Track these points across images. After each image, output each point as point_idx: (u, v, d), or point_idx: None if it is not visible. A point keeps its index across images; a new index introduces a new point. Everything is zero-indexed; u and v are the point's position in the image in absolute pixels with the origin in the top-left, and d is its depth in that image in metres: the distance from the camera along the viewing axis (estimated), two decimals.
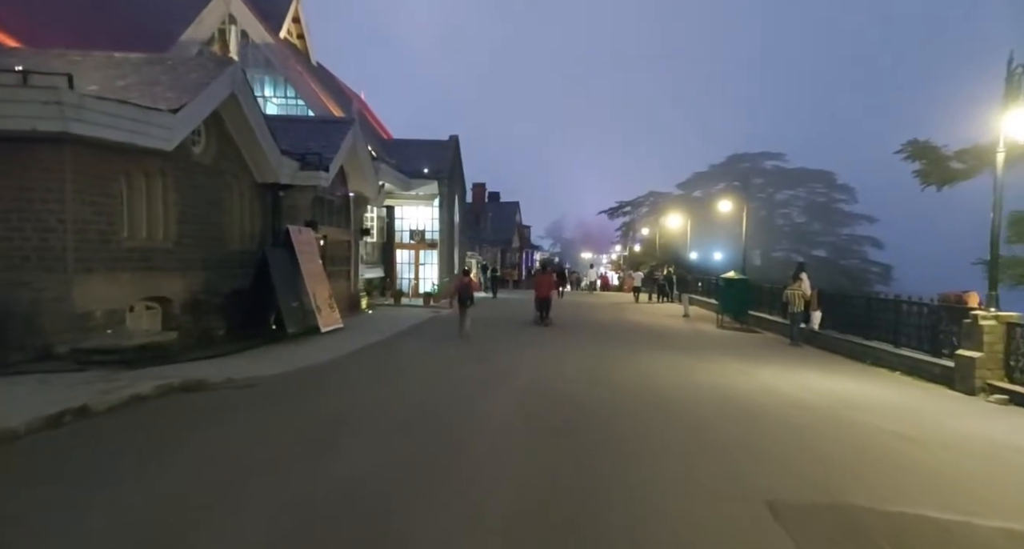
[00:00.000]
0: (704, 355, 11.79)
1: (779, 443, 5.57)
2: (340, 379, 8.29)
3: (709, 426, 6.15)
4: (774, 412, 6.88)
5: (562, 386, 7.94)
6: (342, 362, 9.41)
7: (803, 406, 7.24)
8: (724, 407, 7.06)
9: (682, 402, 7.29)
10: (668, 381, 8.70)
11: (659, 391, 7.90)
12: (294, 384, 7.61)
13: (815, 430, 6.12)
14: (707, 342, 14.09)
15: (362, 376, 8.56)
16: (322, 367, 8.92)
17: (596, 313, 21.19)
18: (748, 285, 17.56)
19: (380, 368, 9.28)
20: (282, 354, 10.00)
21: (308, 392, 7.25)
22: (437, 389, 7.68)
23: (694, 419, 6.42)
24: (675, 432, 5.86)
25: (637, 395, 7.61)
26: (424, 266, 23.98)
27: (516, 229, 57.12)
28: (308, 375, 8.29)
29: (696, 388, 8.28)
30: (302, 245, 12.87)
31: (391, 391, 7.46)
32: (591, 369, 9.46)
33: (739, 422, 6.31)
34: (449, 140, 25.55)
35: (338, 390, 7.46)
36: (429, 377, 8.57)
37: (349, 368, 9.03)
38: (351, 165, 16.95)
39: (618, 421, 6.19)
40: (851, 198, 44.19)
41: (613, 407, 6.83)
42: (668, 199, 54.25)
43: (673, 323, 18.20)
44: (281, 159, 13.12)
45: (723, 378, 9.16)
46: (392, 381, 8.25)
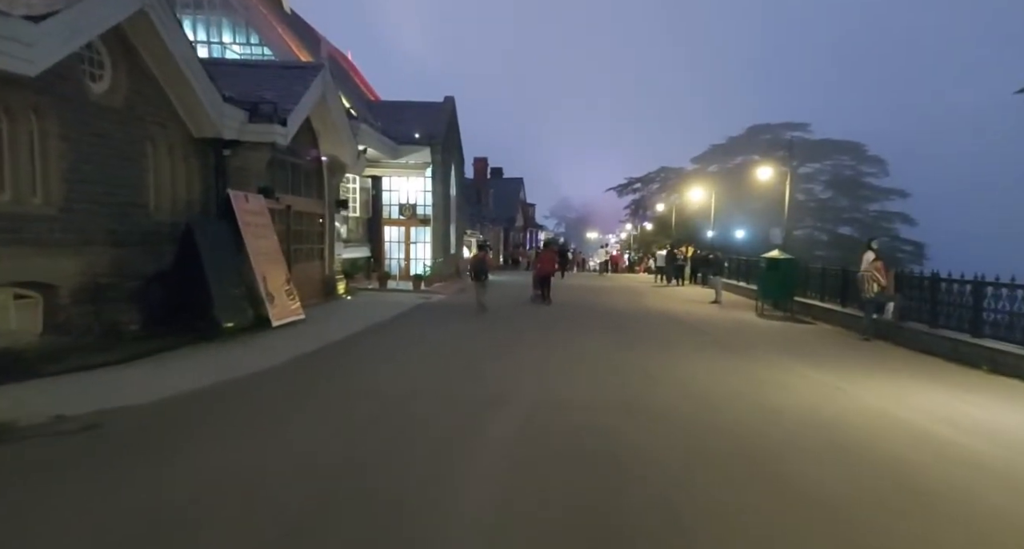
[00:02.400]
0: (763, 357, 9.13)
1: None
2: (246, 415, 5.28)
3: (850, 516, 3.53)
4: (933, 475, 4.25)
5: (580, 418, 5.31)
6: (269, 377, 6.71)
7: (969, 461, 4.59)
8: (845, 462, 4.43)
9: (772, 449, 4.68)
10: (734, 406, 6.06)
11: (729, 427, 5.27)
12: (166, 424, 4.89)
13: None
14: (757, 337, 11.42)
15: (286, 406, 5.65)
16: (234, 388, 6.14)
17: (610, 299, 18.52)
18: (795, 266, 14.83)
19: (318, 389, 6.36)
20: (199, 361, 7.41)
21: (170, 446, 4.37)
22: (390, 437, 4.73)
23: (814, 497, 3.79)
24: (802, 533, 3.25)
25: (698, 435, 4.99)
26: (416, 245, 21.31)
27: (520, 207, 54.27)
28: (201, 403, 5.57)
29: (779, 417, 5.64)
30: (248, 216, 10.20)
31: (312, 441, 4.60)
32: (618, 387, 6.81)
33: (891, 504, 3.69)
34: (444, 102, 22.65)
35: (225, 441, 4.51)
36: (383, 409, 5.55)
37: (274, 388, 6.31)
38: (323, 123, 14.19)
39: (687, 507, 3.57)
40: (881, 171, 40.95)
41: (667, 468, 4.22)
42: (681, 175, 51.28)
43: (705, 311, 15.53)
44: (223, 107, 10.38)
45: (808, 396, 6.52)
46: (324, 418, 5.23)
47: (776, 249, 15.13)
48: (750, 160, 47.00)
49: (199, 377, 6.32)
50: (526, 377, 7.03)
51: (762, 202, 44.86)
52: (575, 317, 13.31)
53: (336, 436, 4.76)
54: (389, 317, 12.10)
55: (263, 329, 9.63)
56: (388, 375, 6.93)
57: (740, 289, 19.93)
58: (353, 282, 17.86)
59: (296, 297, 10.96)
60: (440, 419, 5.19)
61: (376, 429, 4.97)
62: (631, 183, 57.23)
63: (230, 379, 6.35)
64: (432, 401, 5.81)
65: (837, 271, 13.83)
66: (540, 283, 15.89)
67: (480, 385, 6.49)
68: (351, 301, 15.02)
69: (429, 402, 5.76)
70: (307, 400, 5.84)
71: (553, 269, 16.32)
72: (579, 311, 14.59)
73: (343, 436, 4.76)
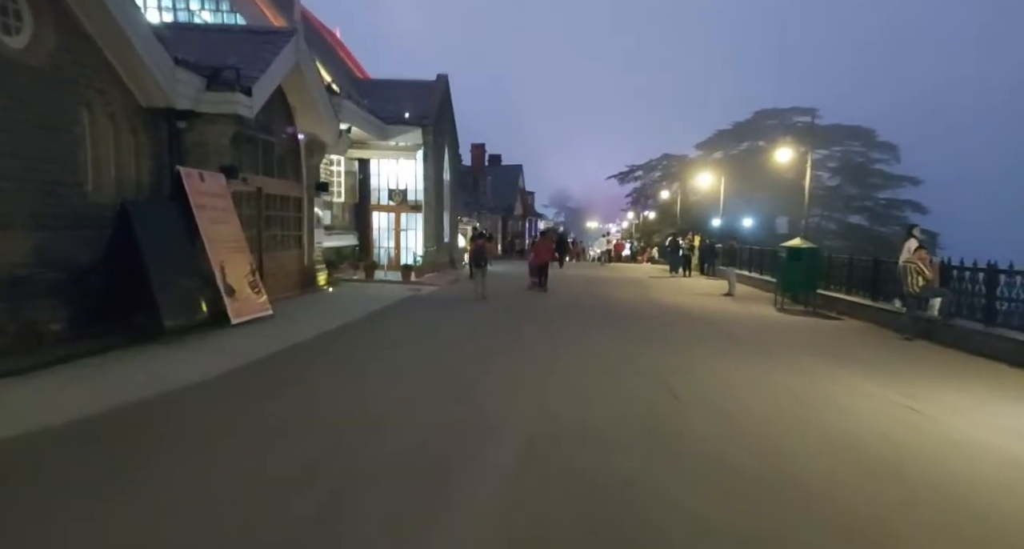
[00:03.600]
0: (801, 362, 7.84)
1: None
2: (118, 464, 3.74)
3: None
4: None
5: (592, 461, 4.03)
6: (194, 396, 5.30)
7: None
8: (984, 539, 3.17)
9: (860, 508, 3.41)
10: (792, 443, 4.77)
11: (802, 480, 3.99)
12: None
13: None
14: (784, 335, 10.14)
15: (179, 447, 4.09)
16: (135, 415, 4.69)
17: (615, 292, 17.23)
18: (819, 257, 13.53)
19: (248, 419, 4.78)
20: (120, 370, 6.10)
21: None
22: (318, 514, 3.14)
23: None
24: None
25: (768, 500, 3.70)
26: (406, 233, 19.95)
27: (519, 195, 52.73)
28: (69, 443, 4.07)
29: (853, 458, 4.36)
30: (203, 198, 8.86)
31: (184, 519, 3.08)
32: (636, 408, 5.52)
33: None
34: (436, 80, 21.18)
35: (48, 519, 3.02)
36: (325, 455, 4.00)
37: (188, 417, 4.82)
38: (298, 97, 12.80)
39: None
40: (893, 157, 39.40)
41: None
42: (684, 162, 49.78)
43: (718, 305, 14.23)
44: (174, 71, 9.01)
45: (875, 420, 5.23)
46: (227, 476, 3.61)
47: (798, 237, 13.82)
48: (756, 146, 45.53)
49: (101, 395, 5.00)
50: (521, 395, 5.72)
51: (767, 190, 43.52)
52: (579, 313, 12.01)
53: (231, 508, 3.20)
54: (370, 312, 10.80)
55: (220, 327, 8.32)
56: (348, 393, 5.59)
57: (753, 280, 18.65)
58: (338, 272, 16.55)
59: (262, 290, 9.65)
60: (401, 474, 3.76)
61: (302, 499, 3.34)
62: (632, 171, 55.64)
63: (140, 399, 5.04)
64: (397, 439, 4.42)
65: (867, 262, 12.52)
66: (537, 271, 15.97)
67: (463, 409, 5.13)
68: (332, 293, 13.71)
69: (393, 441, 4.36)
70: (220, 440, 4.30)
71: (550, 258, 16.50)
72: (582, 306, 13.30)
73: (243, 510, 3.19)
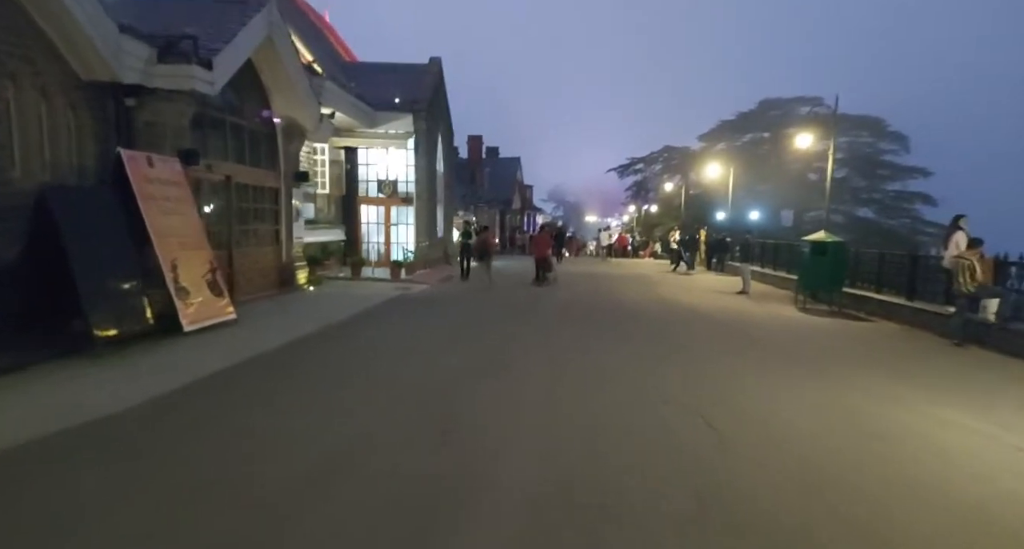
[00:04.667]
0: (852, 378, 6.69)
1: None
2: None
3: None
4: None
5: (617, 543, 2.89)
6: (101, 435, 4.06)
7: None
8: None
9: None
10: (916, 511, 3.63)
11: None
12: None
13: None
14: (818, 341, 8.99)
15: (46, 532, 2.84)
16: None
17: (620, 290, 16.08)
18: (845, 252, 12.37)
19: (163, 474, 3.52)
20: (24, 398, 4.92)
21: None
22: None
23: None
24: None
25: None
26: (397, 227, 18.74)
27: (517, 188, 51.51)
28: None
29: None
30: (151, 185, 7.67)
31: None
32: (670, 456, 4.33)
33: None
34: (429, 64, 19.91)
35: None
36: (256, 522, 2.95)
37: (87, 464, 3.61)
38: (273, 76, 11.58)
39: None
40: (902, 148, 38.12)
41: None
42: (686, 154, 48.50)
43: (734, 304, 13.08)
44: (119, 40, 7.79)
45: (994, 471, 4.08)
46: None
47: (822, 230, 12.67)
48: (761, 137, 44.26)
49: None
50: (520, 435, 4.54)
51: (772, 182, 42.30)
52: (584, 317, 10.87)
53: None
54: (350, 315, 9.63)
55: (170, 336, 7.16)
56: (297, 431, 4.29)
57: (766, 277, 17.50)
58: (322, 270, 15.37)
59: (225, 292, 8.46)
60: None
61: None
62: (633, 163, 54.21)
63: (29, 440, 3.86)
64: (343, 508, 3.24)
65: (901, 257, 11.36)
66: (538, 265, 16.41)
67: (440, 460, 3.92)
68: (312, 293, 12.54)
69: (338, 510, 3.20)
70: (94, 520, 3.08)
71: (548, 252, 16.90)
72: (588, 308, 12.15)
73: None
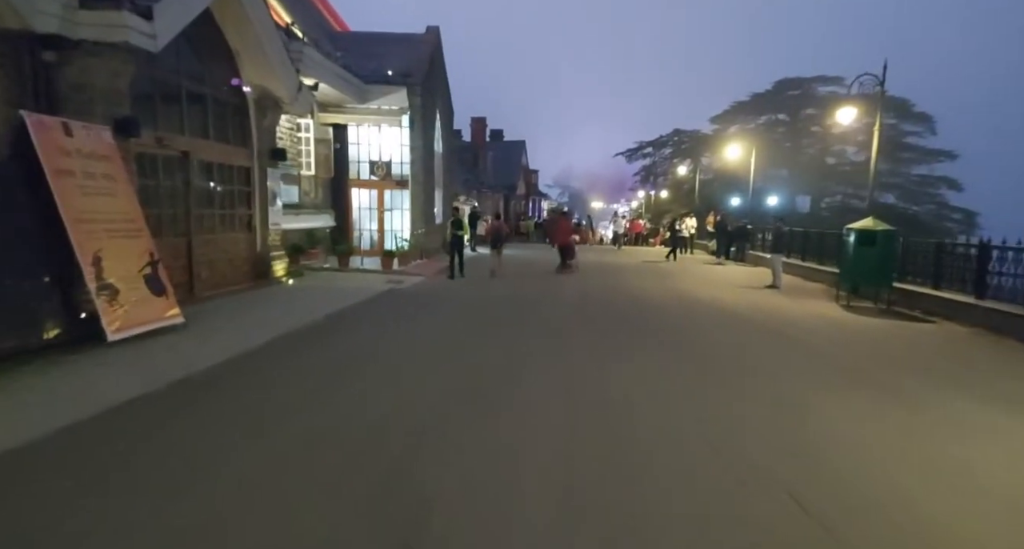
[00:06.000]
0: (945, 405, 5.24)
1: None
2: None
3: None
4: None
5: None
6: None
7: None
8: None
9: None
10: None
11: None
12: None
13: None
14: (882, 350, 7.51)
15: None
16: None
17: (637, 283, 14.64)
18: (895, 241, 10.83)
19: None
20: None
21: None
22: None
23: None
24: None
25: None
26: (392, 213, 17.25)
27: (522, 173, 49.84)
28: None
29: None
30: (66, 159, 6.19)
31: None
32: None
33: None
34: (426, 33, 18.25)
35: None
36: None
37: None
38: (241, 37, 10.05)
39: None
40: (928, 130, 36.17)
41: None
42: (697, 138, 46.63)
43: (767, 300, 11.58)
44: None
45: None
46: None
47: (871, 217, 11.11)
48: (776, 119, 42.33)
49: None
50: (522, 486, 3.16)
51: (787, 166, 40.47)
52: (599, 318, 9.43)
53: None
54: (325, 315, 8.19)
55: (87, 347, 5.74)
56: (191, 507, 3.00)
57: (793, 267, 15.96)
58: (307, 259, 13.95)
59: (168, 290, 7.02)
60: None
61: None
62: (641, 147, 52.29)
63: None
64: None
65: (966, 249, 9.81)
66: (561, 253, 16.02)
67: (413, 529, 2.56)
68: (290, 287, 11.10)
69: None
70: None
71: (569, 238, 16.35)
72: (602, 306, 10.70)
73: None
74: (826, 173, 40.59)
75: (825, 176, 40.47)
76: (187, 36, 9.11)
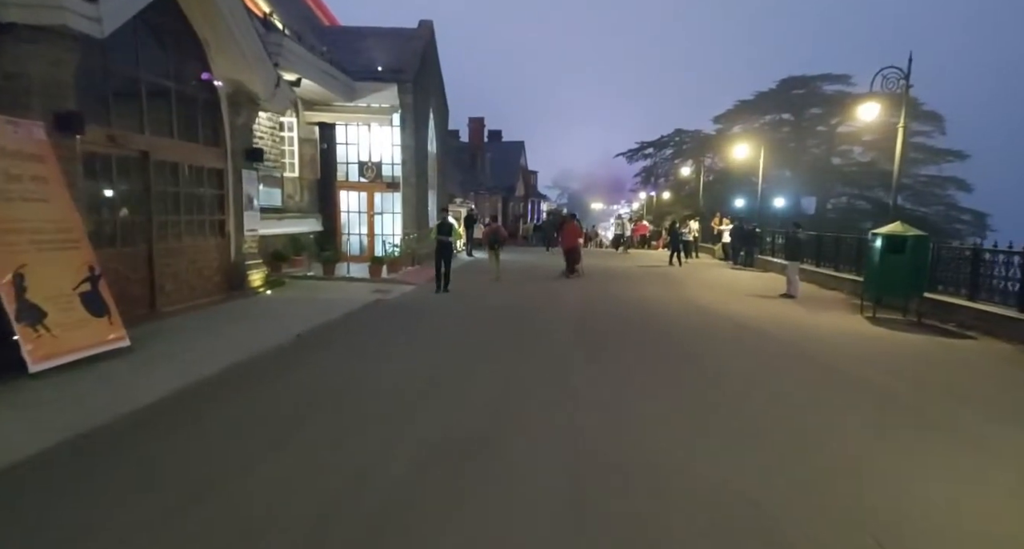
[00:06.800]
0: (1016, 444, 4.35)
1: None
2: None
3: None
4: None
5: None
6: None
7: None
8: None
9: None
10: None
11: None
12: None
13: None
14: (927, 375, 6.62)
15: None
16: None
17: (643, 291, 13.77)
18: (927, 248, 9.93)
19: None
20: None
21: None
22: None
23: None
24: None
25: None
26: (382, 216, 16.36)
27: (521, 174, 48.92)
28: None
29: None
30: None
31: None
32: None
33: None
34: (419, 28, 17.37)
35: None
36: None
37: None
38: (210, 26, 9.17)
39: None
40: (937, 129, 35.29)
41: None
42: (699, 138, 45.73)
43: (786, 312, 10.70)
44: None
45: None
46: None
47: (898, 221, 10.22)
48: (780, 119, 41.42)
49: None
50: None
51: (791, 167, 39.55)
52: (607, 335, 8.55)
53: None
54: (295, 336, 7.28)
55: (8, 378, 4.85)
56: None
57: (808, 274, 15.04)
58: (291, 266, 13.08)
59: (111, 309, 6.12)
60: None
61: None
62: (642, 148, 51.38)
63: None
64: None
65: (1011, 257, 8.89)
66: (567, 257, 15.77)
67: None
68: (266, 299, 10.21)
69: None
70: None
71: (577, 242, 16.01)
72: (608, 319, 9.82)
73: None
74: (832, 173, 39.69)
75: (831, 177, 39.57)
76: (148, 23, 8.26)
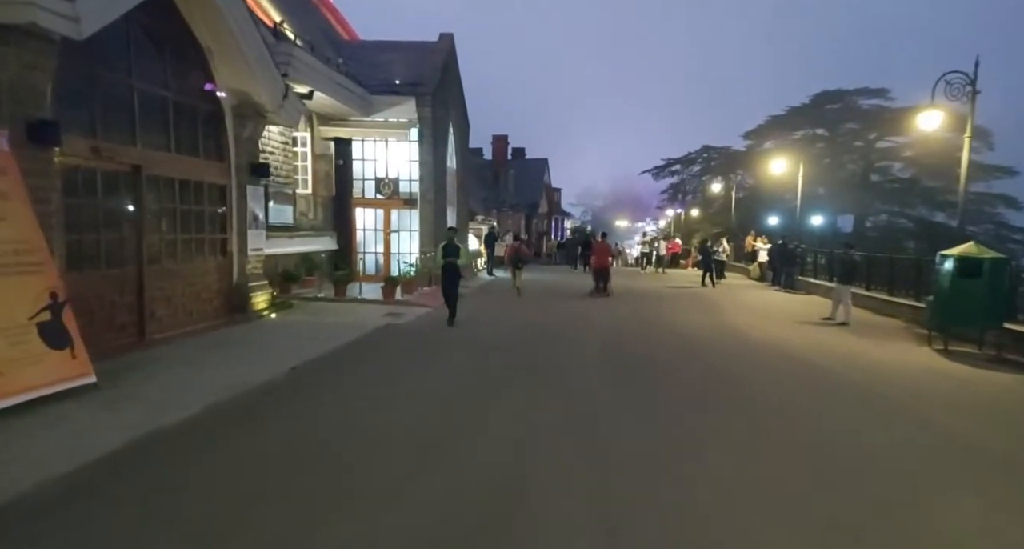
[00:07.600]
0: None
1: None
2: None
3: None
4: None
5: None
6: None
7: None
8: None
9: None
10: None
11: None
12: None
13: None
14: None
15: None
16: None
17: (679, 316, 12.77)
18: (1007, 271, 8.76)
19: None
20: None
21: None
22: None
23: None
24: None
25: None
26: (399, 234, 15.67)
27: (544, 192, 48.25)
28: None
29: None
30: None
31: None
32: None
33: None
34: (439, 41, 16.81)
35: None
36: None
37: None
38: (213, 33, 8.60)
39: None
40: (984, 144, 33.45)
41: None
42: (727, 154, 44.54)
43: (836, 340, 9.59)
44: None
45: None
46: None
47: (972, 242, 9.07)
48: (814, 134, 39.96)
49: None
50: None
51: (826, 185, 37.97)
52: (640, 370, 7.60)
53: None
54: (289, 370, 6.47)
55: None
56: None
57: (858, 298, 13.75)
58: (302, 287, 12.40)
59: (74, 340, 5.38)
60: None
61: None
62: (669, 164, 50.33)
63: None
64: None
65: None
66: (596, 276, 15.98)
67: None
68: (270, 323, 9.48)
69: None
70: None
71: (607, 261, 16.12)
72: (644, 353, 8.85)
73: None
74: (870, 191, 38.03)
75: (868, 194, 37.91)
76: (144, 28, 7.71)
